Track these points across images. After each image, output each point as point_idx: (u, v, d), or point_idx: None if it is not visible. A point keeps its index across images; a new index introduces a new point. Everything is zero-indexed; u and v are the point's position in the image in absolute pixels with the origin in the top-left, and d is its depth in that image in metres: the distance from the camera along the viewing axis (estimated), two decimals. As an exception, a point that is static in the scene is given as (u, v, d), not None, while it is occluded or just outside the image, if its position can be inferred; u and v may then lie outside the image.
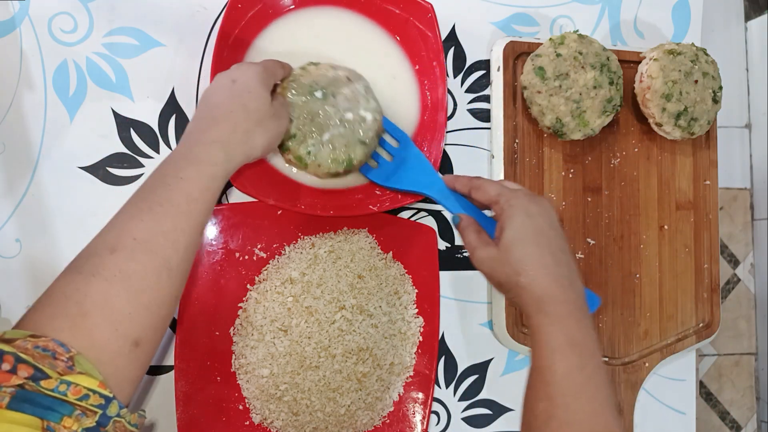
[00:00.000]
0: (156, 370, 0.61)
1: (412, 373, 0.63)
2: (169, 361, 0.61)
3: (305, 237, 0.63)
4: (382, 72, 0.64)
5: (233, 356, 0.61)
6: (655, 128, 0.68)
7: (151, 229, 0.43)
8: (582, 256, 0.68)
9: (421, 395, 0.63)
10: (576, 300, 0.48)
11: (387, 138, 0.63)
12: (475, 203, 0.57)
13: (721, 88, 0.67)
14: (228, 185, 0.63)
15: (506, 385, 0.68)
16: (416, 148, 0.62)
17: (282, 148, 0.58)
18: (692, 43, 0.68)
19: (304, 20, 0.63)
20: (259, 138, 0.51)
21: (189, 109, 0.63)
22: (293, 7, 0.63)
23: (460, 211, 0.58)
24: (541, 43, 0.65)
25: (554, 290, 0.48)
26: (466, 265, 0.67)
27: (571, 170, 0.68)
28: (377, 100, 0.61)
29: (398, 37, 0.65)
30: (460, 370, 0.67)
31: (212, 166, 0.47)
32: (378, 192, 0.63)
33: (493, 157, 0.68)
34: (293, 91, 0.57)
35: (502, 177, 0.66)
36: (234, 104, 0.50)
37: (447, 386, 0.67)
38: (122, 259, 0.42)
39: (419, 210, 0.67)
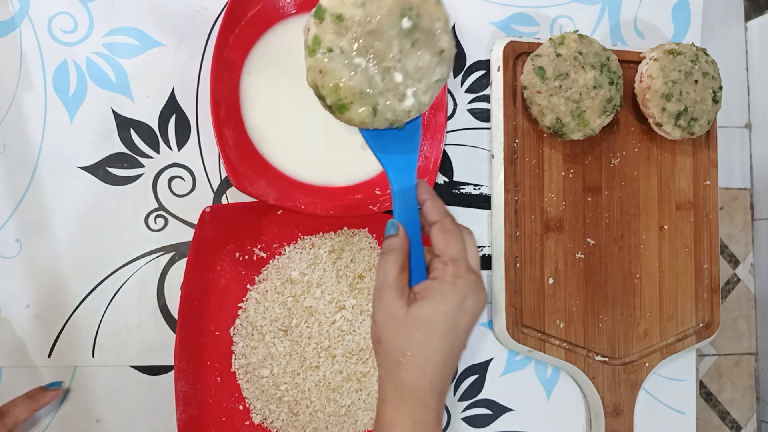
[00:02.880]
0: (156, 370, 0.62)
1: (412, 373, 0.63)
2: (169, 361, 0.61)
3: (305, 237, 0.63)
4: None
5: (233, 356, 0.61)
6: (655, 128, 0.68)
7: None
8: (582, 256, 0.68)
9: (421, 395, 0.63)
10: (437, 411, 0.44)
11: None
12: (423, 229, 0.47)
13: (721, 88, 0.67)
14: (228, 185, 0.63)
15: (506, 385, 0.68)
16: (419, 124, 0.49)
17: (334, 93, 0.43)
18: (692, 43, 0.68)
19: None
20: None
21: (189, 109, 0.63)
22: (294, 11, 0.63)
23: (402, 222, 0.46)
24: (541, 43, 0.65)
25: (425, 390, 0.43)
26: (466, 265, 0.67)
27: (571, 170, 0.68)
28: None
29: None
30: (460, 370, 0.67)
31: None
32: (378, 192, 0.63)
33: (493, 157, 0.68)
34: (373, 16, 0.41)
35: (502, 177, 0.66)
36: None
37: (447, 386, 0.67)
38: None
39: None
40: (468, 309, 0.44)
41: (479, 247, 0.68)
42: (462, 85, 0.68)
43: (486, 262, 0.68)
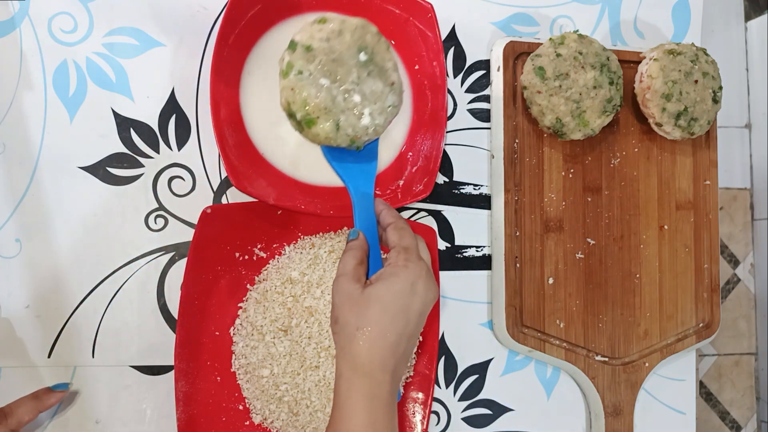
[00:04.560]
0: (156, 370, 0.62)
1: (412, 373, 0.63)
2: (169, 361, 0.61)
3: (305, 237, 0.63)
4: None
5: (233, 356, 0.61)
6: (655, 128, 0.68)
7: None
8: (582, 256, 0.68)
9: (421, 395, 0.63)
10: (390, 389, 0.46)
11: None
12: (381, 238, 0.53)
13: (721, 88, 0.67)
14: (228, 185, 0.63)
15: (506, 385, 0.68)
16: (376, 148, 0.57)
17: (297, 108, 0.51)
18: (692, 43, 0.68)
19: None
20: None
21: (189, 109, 0.63)
22: (294, 12, 0.63)
23: (362, 229, 0.53)
24: (541, 43, 0.66)
25: (376, 366, 0.45)
26: (466, 265, 0.67)
27: (571, 170, 0.68)
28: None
29: (394, 41, 0.65)
30: (460, 370, 0.67)
31: None
32: (378, 192, 0.63)
33: (493, 157, 0.68)
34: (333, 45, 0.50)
35: (502, 177, 0.66)
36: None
37: (447, 386, 0.67)
38: None
39: (419, 210, 0.67)
40: (419, 292, 0.47)
41: (479, 246, 0.68)
42: (462, 85, 0.68)
43: (486, 262, 0.68)
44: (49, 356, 0.60)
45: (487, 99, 0.69)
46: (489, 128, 0.69)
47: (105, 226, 0.61)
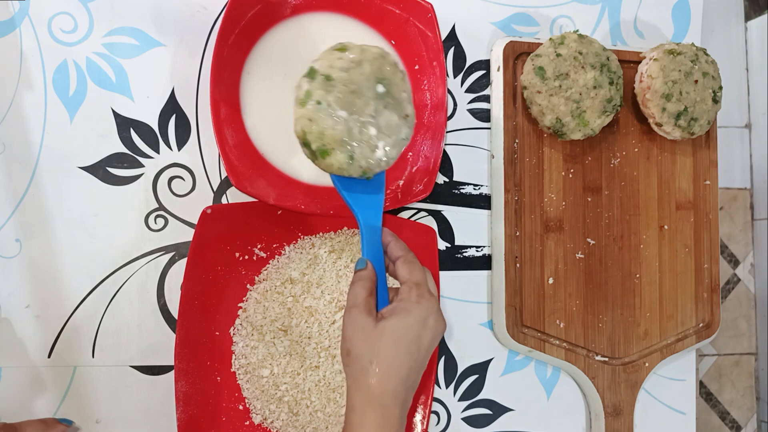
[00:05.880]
0: (156, 370, 0.62)
1: (412, 373, 0.63)
2: (169, 361, 0.61)
3: (305, 237, 0.63)
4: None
5: (233, 356, 0.61)
6: (655, 128, 0.68)
7: None
8: (582, 256, 0.68)
9: (421, 395, 0.63)
10: (400, 420, 0.47)
11: None
12: (388, 268, 0.54)
13: (721, 88, 0.67)
14: (228, 185, 0.63)
15: (506, 385, 0.68)
16: (384, 179, 0.57)
17: (313, 140, 0.50)
18: (692, 43, 0.68)
19: (305, 26, 0.63)
20: None
21: (189, 109, 0.63)
22: (294, 12, 0.63)
23: (370, 259, 0.52)
24: (541, 43, 0.66)
25: (389, 398, 0.47)
26: (466, 265, 0.67)
27: (571, 170, 0.68)
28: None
29: (394, 41, 0.65)
30: (460, 370, 0.67)
31: None
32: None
33: (493, 157, 0.68)
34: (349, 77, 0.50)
35: (502, 177, 0.66)
36: None
37: (447, 386, 0.67)
38: None
39: (419, 210, 0.67)
40: (430, 326, 0.49)
41: (479, 246, 0.68)
42: (462, 85, 0.68)
43: (486, 262, 0.68)
44: (49, 356, 0.60)
45: (487, 99, 0.69)
46: (489, 128, 0.69)
47: (105, 226, 0.61)
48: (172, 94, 0.63)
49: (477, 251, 0.68)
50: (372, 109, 0.50)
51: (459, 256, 0.67)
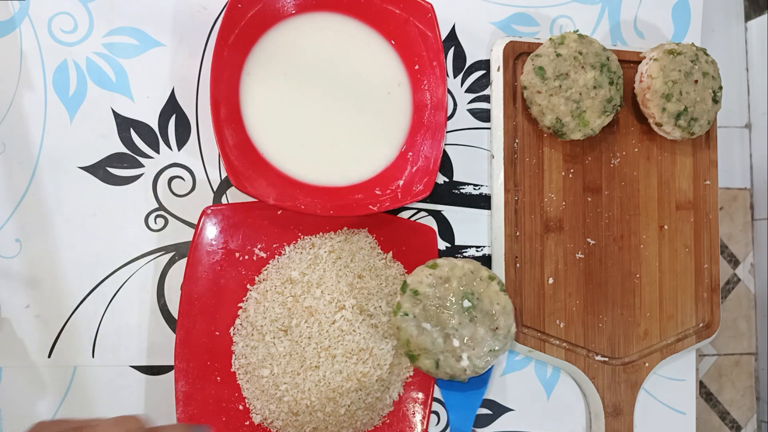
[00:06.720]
0: (156, 370, 0.62)
1: (412, 373, 0.63)
2: (169, 361, 0.61)
3: (305, 237, 0.63)
4: (380, 79, 0.65)
5: (233, 356, 0.61)
6: (655, 128, 0.68)
7: None
8: (582, 256, 0.68)
9: (421, 395, 0.63)
10: None
11: None
12: None
13: (721, 88, 0.67)
14: (228, 185, 0.63)
15: (506, 385, 0.68)
16: (484, 383, 0.62)
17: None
18: (692, 43, 0.68)
19: (305, 26, 0.63)
20: None
21: (189, 109, 0.63)
22: (294, 12, 0.63)
23: None
24: (541, 43, 0.66)
25: None
26: (466, 265, 0.67)
27: (571, 170, 0.68)
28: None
29: (394, 41, 0.65)
30: (460, 370, 0.67)
31: None
32: (378, 192, 0.63)
33: (493, 157, 0.68)
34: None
35: (502, 177, 0.66)
36: None
37: (447, 386, 0.67)
38: None
39: (419, 210, 0.67)
40: None
41: (479, 246, 0.68)
42: (462, 85, 0.68)
43: (486, 262, 0.68)
44: (49, 356, 0.60)
45: (487, 99, 0.69)
46: (489, 128, 0.69)
47: (105, 226, 0.61)
48: (172, 94, 0.63)
49: (477, 251, 0.68)
50: (456, 322, 0.55)
51: (459, 256, 0.67)
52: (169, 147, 0.63)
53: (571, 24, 0.71)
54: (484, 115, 0.69)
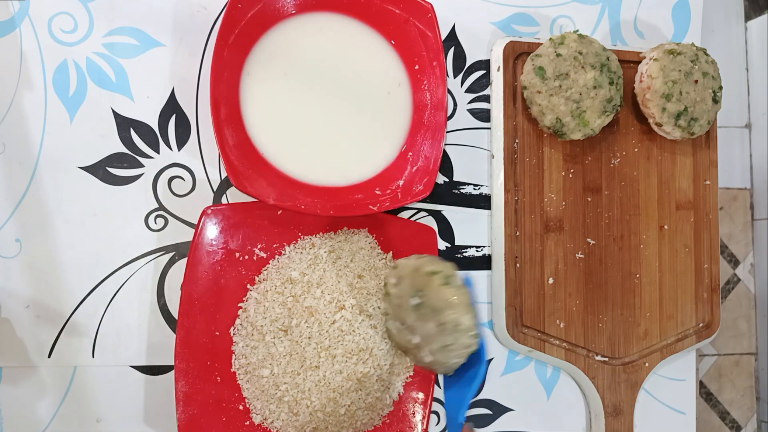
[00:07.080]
0: (156, 370, 0.62)
1: (412, 373, 0.63)
2: (169, 361, 0.61)
3: (305, 237, 0.63)
4: (380, 79, 0.65)
5: (233, 356, 0.61)
6: (655, 128, 0.68)
7: None
8: (582, 256, 0.68)
9: (421, 395, 0.63)
10: None
11: None
12: None
13: (721, 88, 0.67)
14: (228, 185, 0.63)
15: (506, 385, 0.68)
16: (482, 375, 0.59)
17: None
18: (692, 43, 0.68)
19: (305, 26, 0.63)
20: None
21: (189, 109, 0.63)
22: (294, 11, 0.63)
23: None
24: (541, 43, 0.66)
25: None
26: (466, 265, 0.67)
27: (571, 170, 0.68)
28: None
29: (394, 41, 0.65)
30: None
31: None
32: (378, 192, 0.63)
33: (493, 157, 0.68)
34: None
35: (502, 177, 0.66)
36: None
37: (447, 386, 0.67)
38: None
39: (419, 210, 0.67)
40: None
41: (479, 246, 0.68)
42: (462, 85, 0.68)
43: (486, 262, 0.68)
44: (49, 356, 0.60)
45: (487, 99, 0.69)
46: (489, 128, 0.69)
47: (105, 226, 0.61)
48: (172, 94, 0.63)
49: (477, 251, 0.68)
50: (412, 319, 0.56)
51: (459, 256, 0.67)
52: (169, 147, 0.63)
53: (571, 24, 0.71)
54: (484, 115, 0.69)
